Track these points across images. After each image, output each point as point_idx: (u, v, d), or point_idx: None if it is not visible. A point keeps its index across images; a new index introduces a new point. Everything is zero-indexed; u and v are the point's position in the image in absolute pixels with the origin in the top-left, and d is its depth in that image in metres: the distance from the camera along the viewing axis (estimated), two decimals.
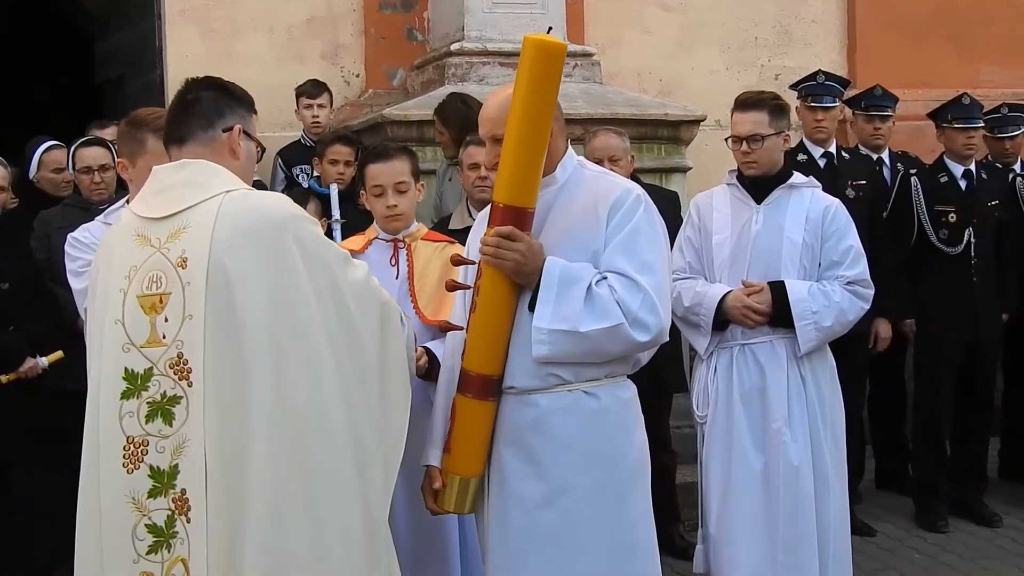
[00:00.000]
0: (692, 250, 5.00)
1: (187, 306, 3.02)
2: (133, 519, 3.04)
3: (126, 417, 3.05)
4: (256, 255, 3.03)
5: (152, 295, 3.06)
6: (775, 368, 4.74)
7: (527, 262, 3.50)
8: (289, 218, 3.12)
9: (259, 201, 3.14)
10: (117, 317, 3.10)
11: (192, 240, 3.05)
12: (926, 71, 9.00)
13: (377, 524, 3.22)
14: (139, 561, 3.03)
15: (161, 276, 3.06)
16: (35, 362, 5.55)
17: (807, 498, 4.65)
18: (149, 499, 3.02)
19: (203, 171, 3.17)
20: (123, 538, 3.04)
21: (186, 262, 3.04)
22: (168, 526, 3.01)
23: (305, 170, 6.85)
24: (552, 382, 3.56)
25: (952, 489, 6.74)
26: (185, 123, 3.24)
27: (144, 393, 3.04)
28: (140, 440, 3.03)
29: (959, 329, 6.62)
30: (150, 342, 3.05)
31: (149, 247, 3.11)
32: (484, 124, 3.74)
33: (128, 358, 3.07)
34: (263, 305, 3.01)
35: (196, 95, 3.27)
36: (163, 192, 3.19)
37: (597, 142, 5.75)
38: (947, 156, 6.79)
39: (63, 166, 6.45)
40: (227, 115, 3.26)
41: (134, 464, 3.03)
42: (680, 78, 8.82)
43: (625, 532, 3.60)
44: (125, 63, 8.94)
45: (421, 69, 7.98)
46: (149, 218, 3.16)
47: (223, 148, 3.24)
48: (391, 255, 4.36)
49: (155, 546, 3.02)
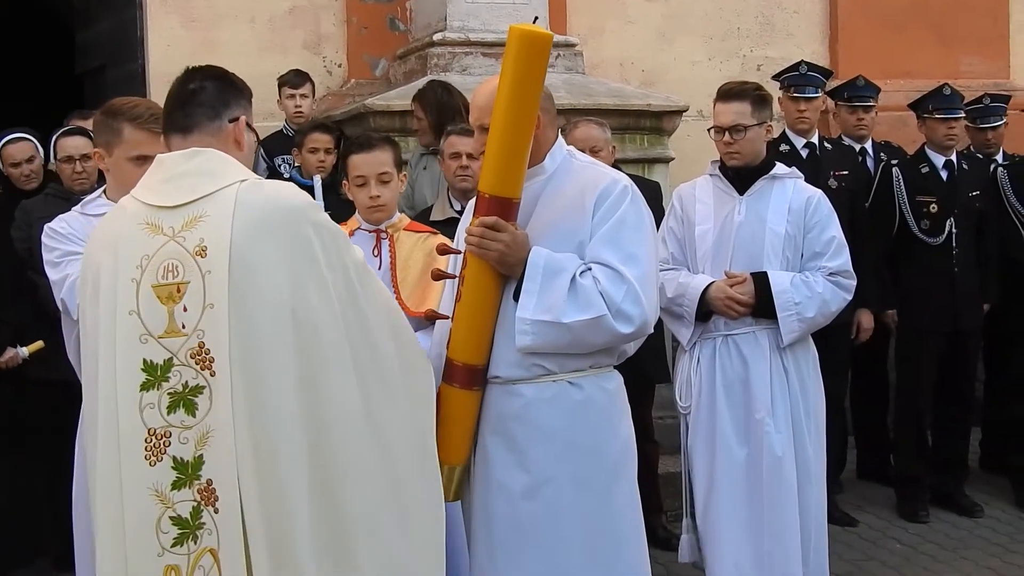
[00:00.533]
0: (675, 241, 5.00)
1: (207, 295, 2.98)
2: (157, 512, 2.98)
3: (147, 409, 3.00)
4: (277, 244, 3.00)
5: (169, 284, 3.01)
6: (758, 359, 4.74)
7: (512, 252, 3.50)
8: (306, 206, 3.10)
9: (275, 190, 3.12)
10: (132, 308, 3.04)
11: (211, 228, 3.01)
12: (908, 62, 9.04)
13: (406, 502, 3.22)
14: (164, 554, 2.98)
15: (178, 265, 3.01)
16: (15, 352, 5.55)
17: (790, 488, 4.66)
18: (173, 491, 2.97)
19: (215, 160, 3.13)
20: (147, 532, 2.99)
21: (205, 251, 2.99)
22: (194, 517, 2.97)
23: (287, 160, 6.83)
24: (536, 372, 3.56)
25: (933, 479, 6.76)
26: (190, 113, 3.19)
27: (165, 384, 2.99)
28: (162, 431, 2.99)
29: (940, 319, 6.63)
30: (169, 332, 3.00)
31: (162, 235, 3.05)
32: (473, 112, 3.74)
33: (146, 349, 3.01)
34: (285, 293, 2.99)
35: (200, 84, 3.22)
36: (173, 180, 3.13)
37: (578, 133, 5.74)
38: (928, 147, 6.80)
39: (19, 160, 6.45)
40: (232, 106, 3.23)
41: (156, 456, 2.98)
42: (662, 68, 8.84)
43: (610, 523, 3.60)
44: (105, 53, 8.90)
45: (403, 59, 7.97)
46: (160, 207, 3.10)
47: (229, 138, 3.20)
48: (373, 246, 4.36)
49: (180, 538, 2.97)
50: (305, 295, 3.01)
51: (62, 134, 6.19)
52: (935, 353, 6.68)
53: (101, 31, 8.97)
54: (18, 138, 6.50)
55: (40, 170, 6.50)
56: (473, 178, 5.43)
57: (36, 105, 10.52)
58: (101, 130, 3.94)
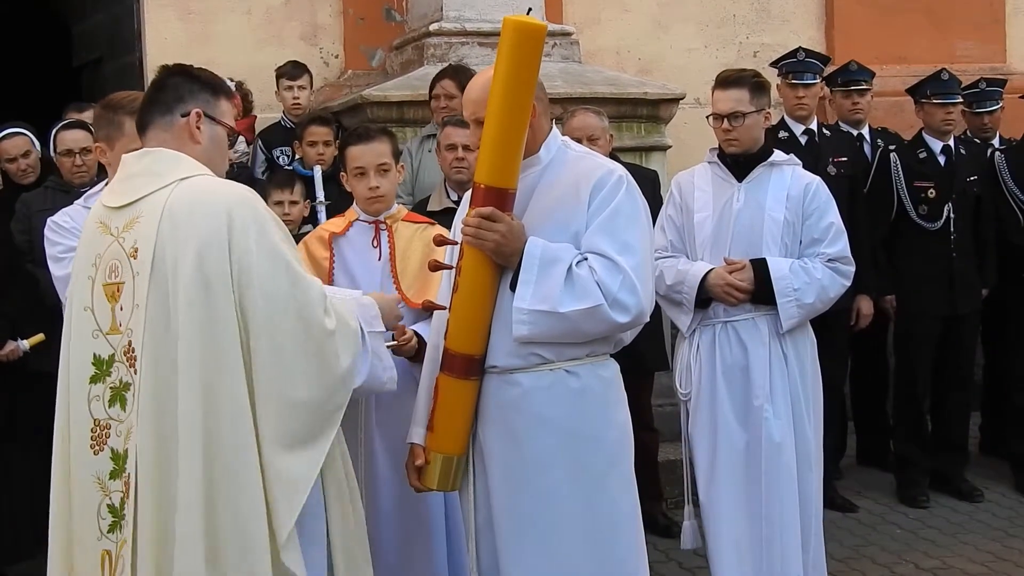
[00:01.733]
0: (674, 228, 5.01)
1: (136, 295, 3.09)
2: (98, 499, 3.14)
3: (94, 401, 3.15)
4: (197, 243, 3.04)
5: (112, 283, 3.15)
6: (757, 345, 4.75)
7: (508, 243, 3.51)
8: (235, 203, 3.11)
9: (205, 187, 3.15)
10: (87, 304, 3.19)
11: (143, 230, 3.11)
12: (904, 47, 9.04)
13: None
14: (101, 539, 3.13)
15: (118, 265, 3.14)
16: (16, 345, 5.55)
17: (789, 474, 4.67)
18: (110, 480, 3.13)
19: (162, 159, 3.20)
20: (90, 517, 3.15)
21: (137, 252, 3.10)
22: (121, 507, 3.11)
23: (286, 152, 6.83)
24: (533, 361, 3.57)
25: (933, 464, 6.77)
26: (147, 110, 3.29)
27: (108, 378, 3.14)
28: (104, 423, 3.14)
29: (938, 304, 6.64)
30: (112, 329, 3.15)
31: (109, 236, 3.18)
32: (467, 106, 3.74)
33: (96, 344, 3.16)
34: (197, 294, 3.03)
35: (163, 82, 3.30)
36: (125, 180, 3.24)
37: (575, 121, 5.74)
38: (926, 132, 6.80)
39: (14, 156, 6.47)
40: (187, 100, 3.27)
41: (99, 446, 3.14)
42: (659, 56, 8.83)
43: (606, 511, 3.61)
44: (103, 46, 8.90)
45: (400, 50, 7.96)
46: (110, 207, 3.22)
47: (183, 133, 3.25)
48: (373, 236, 4.36)
49: (112, 526, 3.13)
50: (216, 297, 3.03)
51: (61, 127, 6.18)
52: (933, 338, 6.69)
53: (98, 24, 8.98)
54: (13, 133, 6.50)
55: (37, 164, 6.50)
56: (469, 169, 5.44)
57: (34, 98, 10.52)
58: (102, 124, 3.97)
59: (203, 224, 3.05)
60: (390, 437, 4.14)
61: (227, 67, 6.50)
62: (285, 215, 5.61)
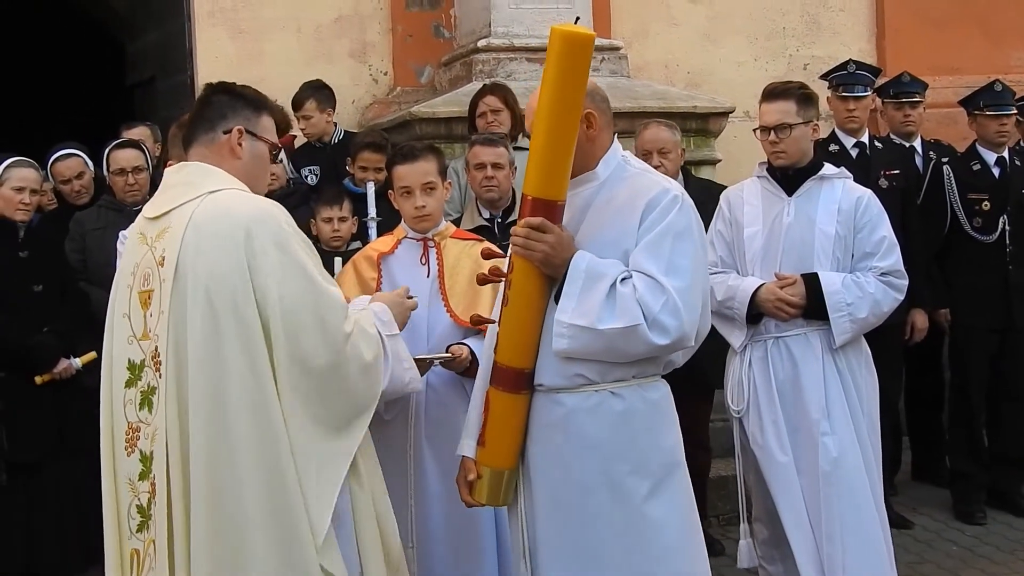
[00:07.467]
0: (723, 244, 4.98)
1: (162, 303, 3.19)
2: (128, 498, 3.25)
3: (128, 405, 3.27)
4: (217, 255, 3.15)
5: (145, 291, 3.26)
6: (809, 360, 4.71)
7: (556, 253, 3.48)
8: (255, 218, 3.19)
9: (230, 200, 3.24)
10: (125, 311, 3.31)
11: (170, 240, 3.21)
12: (956, 58, 8.94)
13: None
14: (131, 538, 3.25)
15: (150, 273, 3.25)
16: (69, 363, 5.61)
17: (852, 489, 4.63)
18: (139, 481, 3.23)
19: (196, 172, 3.32)
20: (123, 516, 3.27)
21: (164, 260, 3.20)
22: (148, 508, 3.20)
23: (314, 171, 6.80)
24: (578, 382, 3.52)
25: (989, 479, 6.69)
26: (192, 127, 3.41)
27: (139, 383, 3.25)
28: (135, 426, 3.25)
29: (994, 317, 6.58)
30: (143, 335, 3.25)
31: (145, 245, 3.30)
32: (528, 117, 3.67)
33: (131, 350, 3.28)
34: (216, 302, 3.12)
35: (207, 100, 3.42)
36: (163, 192, 3.37)
37: (647, 134, 5.71)
38: (979, 143, 6.74)
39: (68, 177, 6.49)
40: (229, 117, 3.37)
41: (131, 448, 3.25)
42: (708, 70, 8.79)
43: (649, 537, 3.52)
44: (155, 65, 8.99)
45: (448, 66, 7.99)
46: (148, 218, 3.35)
47: (223, 149, 3.36)
48: (421, 254, 4.37)
49: (140, 525, 3.23)
50: (232, 307, 3.12)
51: (114, 147, 6.25)
52: (989, 351, 6.62)
53: (150, 43, 9.07)
54: (67, 155, 6.54)
55: (91, 185, 6.54)
56: (499, 188, 5.45)
57: (90, 116, 10.65)
58: (175, 144, 4.09)
59: (223, 236, 3.15)
60: (440, 453, 4.14)
61: (277, 85, 6.50)
62: (335, 231, 5.62)
